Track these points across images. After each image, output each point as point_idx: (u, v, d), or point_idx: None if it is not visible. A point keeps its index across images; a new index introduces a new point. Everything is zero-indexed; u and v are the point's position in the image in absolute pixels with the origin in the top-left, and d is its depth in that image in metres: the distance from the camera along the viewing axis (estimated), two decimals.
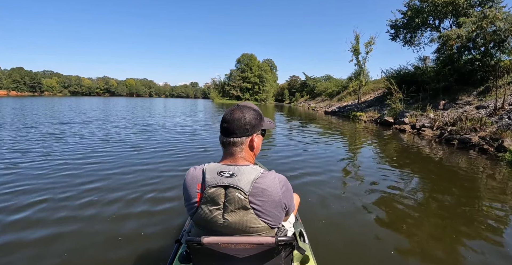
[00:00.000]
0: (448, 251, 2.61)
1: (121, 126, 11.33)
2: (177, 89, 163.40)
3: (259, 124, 1.27)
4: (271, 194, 1.13)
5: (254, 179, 1.12)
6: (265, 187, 1.13)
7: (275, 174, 1.19)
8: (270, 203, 1.14)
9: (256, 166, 1.20)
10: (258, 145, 1.30)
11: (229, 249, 1.17)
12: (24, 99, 43.95)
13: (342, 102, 29.32)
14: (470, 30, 12.72)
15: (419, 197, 4.10)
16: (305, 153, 6.91)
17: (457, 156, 6.88)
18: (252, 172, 1.14)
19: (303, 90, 57.41)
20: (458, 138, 7.97)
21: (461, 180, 5.03)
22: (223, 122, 1.23)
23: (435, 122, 10.32)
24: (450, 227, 3.11)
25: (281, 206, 1.18)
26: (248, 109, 1.25)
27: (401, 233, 2.97)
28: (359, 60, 25.83)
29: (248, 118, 1.22)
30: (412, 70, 18.99)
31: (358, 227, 3.09)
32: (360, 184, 4.64)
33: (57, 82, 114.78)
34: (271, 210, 1.15)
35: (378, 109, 17.83)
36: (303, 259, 1.51)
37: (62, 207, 3.35)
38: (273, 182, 1.15)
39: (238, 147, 1.22)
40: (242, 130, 1.21)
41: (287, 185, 1.22)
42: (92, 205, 3.43)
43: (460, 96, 12.99)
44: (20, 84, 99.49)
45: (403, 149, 8.00)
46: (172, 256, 1.56)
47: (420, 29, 19.41)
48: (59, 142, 7.39)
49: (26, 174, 4.54)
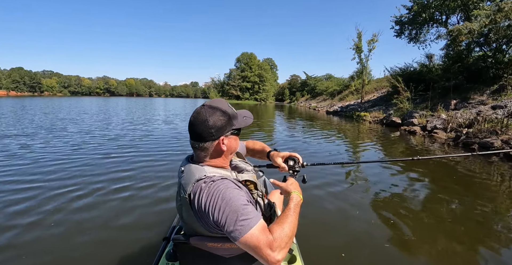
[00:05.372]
0: None
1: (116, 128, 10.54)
2: (177, 89, 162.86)
3: (227, 125, 1.16)
4: (200, 203, 1.05)
5: (194, 180, 1.08)
6: (199, 193, 1.06)
7: (217, 181, 1.07)
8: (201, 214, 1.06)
9: (208, 167, 1.15)
10: (230, 146, 1.21)
11: (215, 249, 1.16)
12: (25, 99, 43.64)
13: (344, 102, 28.51)
14: (483, 24, 11.89)
15: (424, 202, 3.85)
16: (306, 155, 6.27)
17: (476, 162, 6.04)
18: (196, 172, 1.11)
19: (303, 89, 56.77)
20: (478, 141, 7.13)
21: (483, 189, 4.42)
22: (189, 126, 1.17)
23: (448, 124, 9.47)
24: (457, 240, 2.79)
25: (208, 222, 1.06)
26: (214, 110, 1.14)
27: (396, 233, 2.90)
28: (362, 58, 25.11)
29: (212, 121, 1.12)
30: (418, 68, 18.19)
31: (349, 228, 3.02)
32: (358, 186, 4.46)
33: (57, 82, 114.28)
34: (205, 220, 1.06)
35: (383, 109, 16.98)
36: (291, 259, 1.50)
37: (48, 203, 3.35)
38: (200, 190, 1.06)
39: (203, 151, 1.16)
40: (207, 135, 1.13)
41: (213, 197, 1.03)
42: (76, 201, 3.45)
43: (472, 95, 12.12)
44: (20, 84, 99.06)
45: (413, 152, 7.20)
46: (159, 254, 1.52)
47: (426, 25, 18.61)
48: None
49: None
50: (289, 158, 1.54)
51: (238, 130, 1.23)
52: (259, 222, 0.99)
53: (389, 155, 7.16)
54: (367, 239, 2.74)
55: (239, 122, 1.22)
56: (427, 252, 2.55)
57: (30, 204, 3.34)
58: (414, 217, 3.33)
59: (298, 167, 1.50)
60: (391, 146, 8.39)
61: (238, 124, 1.21)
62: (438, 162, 5.95)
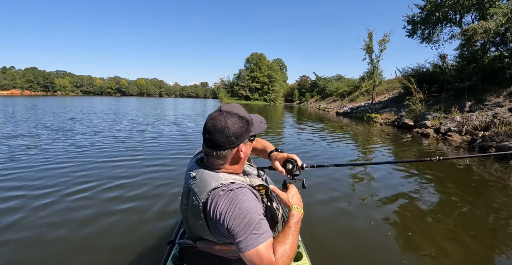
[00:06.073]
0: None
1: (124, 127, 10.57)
2: (187, 89, 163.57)
3: (246, 131, 1.13)
4: (215, 212, 1.03)
5: (210, 189, 1.05)
6: (216, 202, 1.03)
7: (235, 190, 1.04)
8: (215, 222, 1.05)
9: (223, 174, 1.11)
10: (246, 153, 1.17)
11: (222, 252, 1.15)
12: (38, 98, 44.46)
13: (355, 103, 28.12)
14: (500, 23, 11.51)
15: (435, 206, 3.76)
16: (314, 156, 6.27)
17: (493, 167, 5.79)
18: (212, 180, 1.07)
19: (313, 90, 56.31)
20: (495, 145, 6.85)
21: (498, 195, 4.21)
22: (205, 133, 1.10)
23: (463, 126, 9.17)
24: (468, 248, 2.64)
25: (221, 230, 1.05)
26: (232, 116, 1.09)
27: (401, 236, 2.90)
28: (372, 59, 24.71)
29: (232, 129, 1.07)
30: (431, 69, 17.78)
31: (357, 227, 3.04)
32: (365, 187, 4.47)
33: (70, 82, 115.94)
34: (219, 228, 1.05)
35: (395, 110, 16.64)
36: (296, 256, 1.50)
37: (49, 207, 3.30)
38: (217, 199, 1.04)
39: (220, 159, 1.12)
40: (226, 143, 1.08)
41: (231, 206, 1.01)
42: (80, 203, 3.43)
43: (488, 97, 11.76)
44: (34, 84, 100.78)
45: (427, 155, 6.93)
46: (165, 257, 1.52)
47: (440, 25, 18.15)
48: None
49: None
50: (287, 160, 1.41)
51: (253, 136, 1.21)
52: (268, 240, 0.99)
53: (401, 157, 6.96)
54: (370, 240, 2.76)
55: (255, 128, 1.20)
56: (435, 257, 2.49)
57: (32, 206, 3.29)
58: (423, 221, 3.29)
59: (297, 170, 1.39)
60: (403, 149, 8.17)
61: (254, 130, 1.19)
62: (452, 165, 5.73)
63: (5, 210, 3.18)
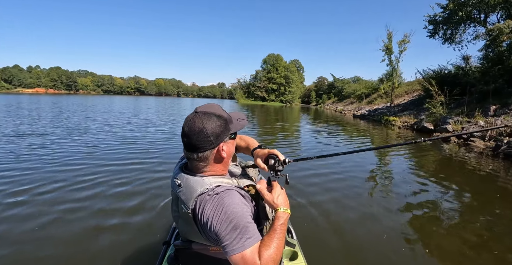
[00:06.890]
0: None
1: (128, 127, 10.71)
2: (205, 90, 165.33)
3: (225, 130, 1.11)
4: (203, 217, 1.03)
5: (196, 195, 1.05)
6: (203, 207, 1.03)
7: (221, 193, 1.04)
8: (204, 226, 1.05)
9: (208, 178, 1.09)
10: (229, 152, 1.16)
11: (218, 253, 1.16)
12: (62, 97, 46.23)
13: (372, 105, 27.55)
14: None
15: (446, 207, 3.71)
16: (328, 159, 6.07)
17: None
18: (197, 186, 1.07)
19: (330, 92, 55.60)
20: None
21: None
22: (183, 137, 1.09)
23: (487, 132, 8.74)
24: None
25: (209, 232, 1.04)
26: (208, 116, 1.08)
27: (395, 231, 2.95)
28: (392, 60, 24.13)
29: (210, 129, 1.06)
30: (453, 71, 17.14)
31: (354, 225, 3.06)
32: (375, 188, 4.46)
33: (91, 81, 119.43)
34: (208, 233, 1.06)
35: (414, 114, 16.11)
36: (292, 255, 1.53)
37: (48, 205, 3.32)
38: (204, 204, 1.04)
39: (202, 161, 1.10)
40: (206, 144, 1.07)
41: (217, 210, 1.01)
42: (75, 203, 3.40)
43: None
44: (57, 83, 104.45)
45: (447, 162, 6.77)
46: (161, 258, 1.52)
47: (463, 25, 17.47)
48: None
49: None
50: (269, 156, 1.36)
51: (234, 134, 1.19)
52: (254, 245, 0.98)
53: (419, 164, 6.71)
54: (367, 238, 2.81)
55: (235, 125, 1.18)
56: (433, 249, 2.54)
57: (33, 207, 3.30)
58: (425, 221, 3.31)
59: (279, 166, 1.34)
60: (421, 153, 7.85)
61: (234, 128, 1.17)
62: (474, 171, 5.45)
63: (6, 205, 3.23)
